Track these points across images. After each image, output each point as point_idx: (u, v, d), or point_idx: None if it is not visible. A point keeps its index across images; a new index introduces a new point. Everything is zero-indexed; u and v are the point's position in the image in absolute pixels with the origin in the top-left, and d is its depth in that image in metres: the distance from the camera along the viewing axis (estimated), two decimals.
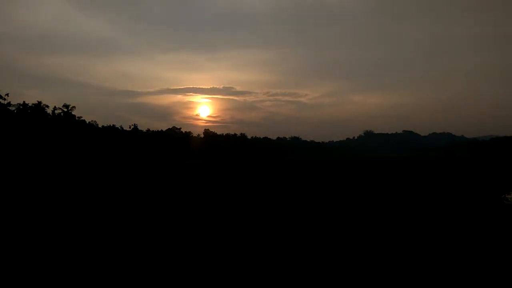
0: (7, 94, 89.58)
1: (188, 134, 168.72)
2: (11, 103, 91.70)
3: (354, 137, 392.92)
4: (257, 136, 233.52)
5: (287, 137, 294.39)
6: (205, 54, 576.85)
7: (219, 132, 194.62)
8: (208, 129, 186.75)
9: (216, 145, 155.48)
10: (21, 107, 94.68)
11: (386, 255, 5.92)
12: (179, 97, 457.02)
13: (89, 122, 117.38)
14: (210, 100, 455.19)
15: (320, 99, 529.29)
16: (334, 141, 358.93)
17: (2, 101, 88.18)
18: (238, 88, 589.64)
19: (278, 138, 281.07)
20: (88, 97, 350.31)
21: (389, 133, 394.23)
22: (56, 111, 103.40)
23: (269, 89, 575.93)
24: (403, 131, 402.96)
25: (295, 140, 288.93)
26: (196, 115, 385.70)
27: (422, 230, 7.74)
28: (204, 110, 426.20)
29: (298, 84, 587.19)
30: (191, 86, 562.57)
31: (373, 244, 6.62)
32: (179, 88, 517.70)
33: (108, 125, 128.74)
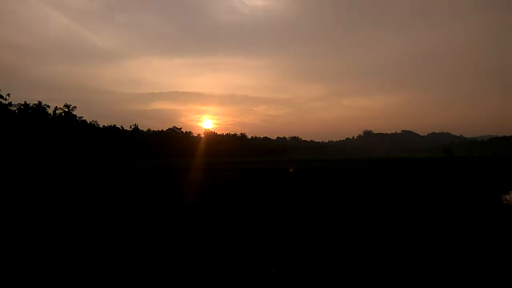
0: (8, 94, 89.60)
1: (188, 134, 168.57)
2: (12, 103, 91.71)
3: (353, 137, 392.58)
4: (257, 136, 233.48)
5: (286, 137, 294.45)
6: (206, 61, 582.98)
7: (219, 133, 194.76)
8: (208, 129, 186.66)
9: (217, 145, 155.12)
10: (22, 107, 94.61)
11: (384, 255, 6.13)
12: (180, 101, 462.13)
13: (90, 122, 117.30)
14: (211, 104, 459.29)
15: (315, 102, 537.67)
16: (334, 141, 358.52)
17: (3, 101, 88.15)
18: (238, 92, 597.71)
19: (278, 138, 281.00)
20: (95, 100, 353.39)
21: (388, 133, 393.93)
22: (57, 111, 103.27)
23: (267, 93, 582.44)
24: (402, 131, 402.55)
25: (295, 140, 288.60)
26: (198, 117, 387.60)
27: (420, 230, 7.91)
28: (204, 113, 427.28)
29: (294, 88, 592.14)
30: (193, 91, 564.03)
31: (370, 244, 6.79)
32: (180, 92, 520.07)
33: (109, 125, 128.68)
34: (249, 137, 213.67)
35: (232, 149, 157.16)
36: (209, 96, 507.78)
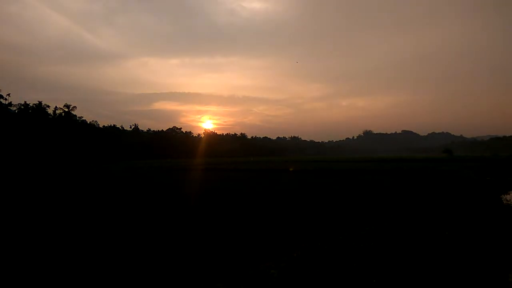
0: (8, 94, 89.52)
1: (188, 134, 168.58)
2: (12, 103, 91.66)
3: (353, 137, 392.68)
4: (257, 136, 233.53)
5: (286, 137, 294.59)
6: (206, 61, 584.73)
7: (219, 133, 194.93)
8: (208, 129, 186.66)
9: (217, 145, 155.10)
10: (22, 107, 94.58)
11: (384, 255, 6.13)
12: (180, 101, 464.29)
13: (90, 122, 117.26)
14: (211, 104, 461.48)
15: (315, 102, 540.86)
16: (334, 141, 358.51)
17: (3, 101, 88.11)
18: (238, 93, 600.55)
19: (278, 138, 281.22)
20: (95, 100, 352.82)
21: (388, 133, 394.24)
22: (57, 111, 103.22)
23: (267, 93, 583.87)
24: (403, 131, 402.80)
25: (295, 140, 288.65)
26: (198, 117, 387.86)
27: (420, 229, 7.91)
28: (204, 113, 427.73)
29: (293, 89, 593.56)
30: (193, 91, 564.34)
31: (370, 243, 6.80)
32: (180, 92, 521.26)
33: (109, 125, 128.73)
34: (249, 137, 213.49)
35: (232, 149, 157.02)
36: (209, 96, 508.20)
